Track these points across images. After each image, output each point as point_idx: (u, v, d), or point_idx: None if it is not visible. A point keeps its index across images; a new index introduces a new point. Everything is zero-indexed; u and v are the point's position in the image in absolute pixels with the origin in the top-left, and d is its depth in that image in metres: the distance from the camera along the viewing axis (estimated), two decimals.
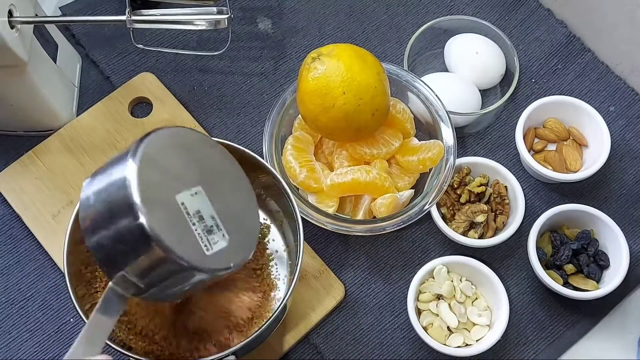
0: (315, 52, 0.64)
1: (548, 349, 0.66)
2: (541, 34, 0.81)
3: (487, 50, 0.75)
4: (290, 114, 0.70)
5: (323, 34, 0.81)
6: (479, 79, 0.75)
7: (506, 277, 0.69)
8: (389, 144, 0.68)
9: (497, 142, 0.75)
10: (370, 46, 0.80)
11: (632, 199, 0.72)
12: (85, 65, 0.79)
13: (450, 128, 0.68)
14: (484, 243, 0.67)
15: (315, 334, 0.67)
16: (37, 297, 0.67)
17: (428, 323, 0.65)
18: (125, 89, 0.75)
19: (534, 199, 0.73)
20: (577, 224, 0.69)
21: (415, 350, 0.66)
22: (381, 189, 0.65)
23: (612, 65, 0.78)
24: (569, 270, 0.67)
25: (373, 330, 0.67)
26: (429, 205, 0.65)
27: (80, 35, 0.80)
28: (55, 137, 0.73)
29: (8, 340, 0.66)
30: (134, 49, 0.77)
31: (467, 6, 0.83)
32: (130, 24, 0.67)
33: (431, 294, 0.65)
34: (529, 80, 0.78)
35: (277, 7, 0.82)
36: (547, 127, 0.74)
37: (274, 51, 0.80)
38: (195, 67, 0.79)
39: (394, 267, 0.70)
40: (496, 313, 0.65)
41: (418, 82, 0.70)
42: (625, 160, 0.74)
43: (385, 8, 0.83)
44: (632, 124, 0.76)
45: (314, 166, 0.67)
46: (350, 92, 0.62)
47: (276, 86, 0.78)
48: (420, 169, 0.69)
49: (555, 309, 0.68)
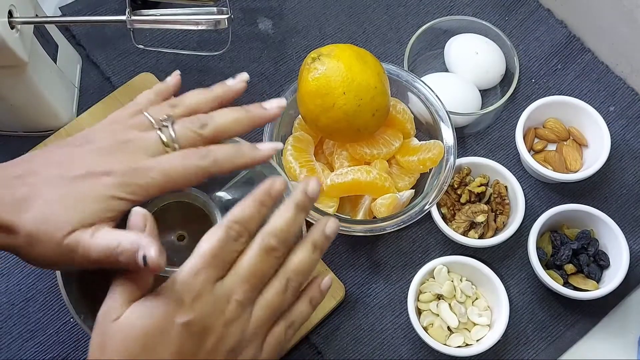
0: (316, 53, 0.64)
1: (548, 349, 0.66)
2: (541, 34, 0.81)
3: (487, 50, 0.75)
4: (290, 114, 0.70)
5: (323, 35, 0.81)
6: (479, 79, 0.75)
7: (506, 277, 0.69)
8: (389, 144, 0.68)
9: (497, 142, 0.75)
10: (371, 46, 0.80)
11: (632, 199, 0.72)
12: (86, 65, 0.79)
13: (450, 128, 0.68)
14: (484, 243, 0.67)
15: (315, 334, 0.67)
16: (38, 298, 0.67)
17: (428, 323, 0.65)
18: (126, 89, 0.75)
19: (534, 199, 0.73)
20: (577, 224, 0.69)
21: (416, 351, 0.66)
22: (381, 189, 0.65)
23: (612, 65, 0.78)
24: (569, 270, 0.67)
25: (373, 330, 0.67)
26: (429, 206, 0.65)
27: (81, 35, 0.80)
28: (55, 137, 0.73)
29: (9, 340, 0.66)
30: (134, 49, 0.77)
31: (467, 6, 0.83)
32: (131, 24, 0.67)
33: (431, 294, 0.65)
34: (529, 80, 0.78)
35: (278, 8, 0.82)
36: (547, 127, 0.74)
37: (274, 52, 0.80)
38: (195, 67, 0.79)
39: (394, 267, 0.70)
40: (496, 313, 0.65)
41: (418, 82, 0.70)
42: (625, 160, 0.74)
43: (385, 8, 0.83)
44: (632, 124, 0.76)
45: (314, 166, 0.67)
46: (350, 93, 0.62)
47: (276, 86, 0.78)
48: (420, 169, 0.69)
49: (555, 308, 0.68)
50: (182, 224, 0.50)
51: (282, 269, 0.47)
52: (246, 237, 0.46)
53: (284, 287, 0.46)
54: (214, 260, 0.44)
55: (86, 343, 0.66)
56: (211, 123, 0.48)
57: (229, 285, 0.45)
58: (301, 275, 0.47)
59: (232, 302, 0.44)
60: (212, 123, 0.48)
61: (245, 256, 0.45)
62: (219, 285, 0.44)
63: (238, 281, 0.45)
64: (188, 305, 0.43)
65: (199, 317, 0.43)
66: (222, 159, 0.47)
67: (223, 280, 0.45)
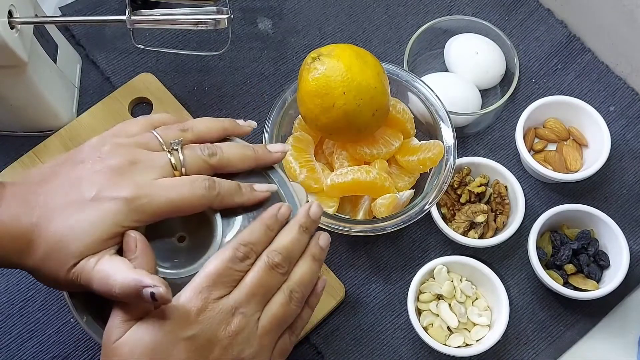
0: (315, 53, 0.64)
1: (548, 349, 0.66)
2: (541, 34, 0.81)
3: (487, 50, 0.75)
4: (290, 114, 0.70)
5: (323, 35, 0.81)
6: (479, 79, 0.75)
7: (506, 277, 0.69)
8: (389, 144, 0.68)
9: (497, 142, 0.75)
10: (371, 46, 0.80)
11: (632, 199, 0.72)
12: (86, 65, 0.79)
13: (450, 128, 0.68)
14: (484, 243, 0.67)
15: (315, 334, 0.66)
16: (38, 298, 0.67)
17: (428, 323, 0.65)
18: (126, 89, 0.75)
19: (534, 199, 0.73)
20: (577, 224, 0.69)
21: (416, 351, 0.66)
22: (381, 189, 0.65)
23: (612, 65, 0.78)
24: (569, 270, 0.67)
25: (373, 330, 0.67)
26: (429, 206, 0.65)
27: (81, 35, 0.80)
28: (55, 137, 0.73)
29: (8, 340, 0.66)
30: (134, 49, 0.77)
31: (467, 6, 0.83)
32: (131, 24, 0.67)
33: (431, 294, 0.65)
34: (529, 80, 0.78)
35: (277, 8, 0.82)
36: (547, 127, 0.74)
37: (274, 51, 0.80)
38: (195, 67, 0.79)
39: (394, 267, 0.70)
40: (496, 313, 0.65)
41: (418, 82, 0.70)
42: (625, 160, 0.74)
43: (385, 8, 0.83)
44: (632, 124, 0.76)
45: (314, 166, 0.67)
46: (350, 92, 0.62)
47: (276, 86, 0.78)
48: (420, 169, 0.69)
49: (555, 309, 0.68)
50: (183, 225, 0.50)
51: (286, 282, 0.48)
52: (253, 258, 0.47)
53: (288, 298, 0.48)
54: (219, 279, 0.46)
55: (86, 343, 0.66)
56: (220, 154, 0.50)
57: (234, 298, 0.46)
58: (304, 287, 0.49)
59: (237, 314, 0.45)
60: (220, 154, 0.50)
61: (251, 272, 0.47)
62: (225, 299, 0.46)
63: (243, 295, 0.46)
64: (192, 320, 0.44)
65: (204, 331, 0.44)
66: (224, 194, 0.49)
67: (229, 296, 0.46)
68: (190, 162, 0.49)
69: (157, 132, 0.50)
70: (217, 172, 0.50)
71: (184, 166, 0.48)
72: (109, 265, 0.44)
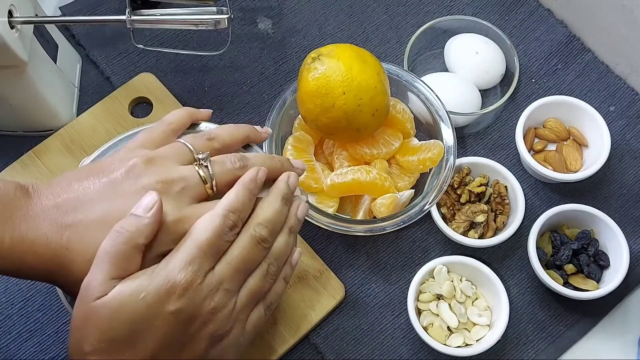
0: (315, 52, 0.64)
1: (548, 349, 0.66)
2: (541, 34, 0.81)
3: (487, 50, 0.75)
4: (290, 114, 0.70)
5: (323, 34, 0.81)
6: (479, 79, 0.75)
7: (506, 277, 0.69)
8: (389, 144, 0.68)
9: (497, 142, 0.75)
10: (370, 46, 0.80)
11: (632, 199, 0.72)
12: (86, 65, 0.79)
13: (450, 128, 0.68)
14: (484, 243, 0.67)
15: (315, 334, 0.66)
16: (37, 298, 0.67)
17: (428, 323, 0.65)
18: (125, 89, 0.75)
19: (534, 199, 0.73)
20: (577, 224, 0.69)
21: (416, 351, 0.66)
22: (381, 189, 0.65)
23: (612, 65, 0.78)
24: (569, 270, 0.67)
25: (373, 330, 0.67)
26: (429, 205, 0.65)
27: (80, 35, 0.80)
28: (55, 137, 0.73)
29: (8, 340, 0.66)
30: (134, 49, 0.77)
31: (467, 6, 0.83)
32: (130, 24, 0.67)
33: (431, 294, 0.65)
34: (529, 80, 0.78)
35: (277, 8, 0.82)
36: (547, 127, 0.74)
37: (274, 51, 0.80)
38: (195, 67, 0.79)
39: (394, 267, 0.70)
40: (496, 313, 0.65)
41: (418, 82, 0.70)
42: (625, 160, 0.74)
43: (385, 8, 0.83)
44: (632, 124, 0.76)
45: (314, 166, 0.67)
46: (350, 92, 0.62)
47: (276, 86, 0.78)
48: (420, 169, 0.69)
49: (555, 309, 0.68)
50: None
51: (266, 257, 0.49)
52: (239, 227, 0.47)
53: (266, 272, 0.49)
54: (210, 250, 0.45)
55: None
56: (249, 165, 0.51)
57: (219, 273, 0.46)
58: (280, 260, 0.50)
59: (220, 290, 0.45)
60: (250, 166, 0.51)
61: (236, 246, 0.47)
62: (210, 274, 0.45)
63: (229, 270, 0.46)
64: (179, 294, 0.44)
65: (188, 306, 0.44)
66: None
67: (214, 269, 0.46)
68: (220, 177, 0.49)
69: (187, 142, 0.51)
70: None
71: (214, 178, 0.49)
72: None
